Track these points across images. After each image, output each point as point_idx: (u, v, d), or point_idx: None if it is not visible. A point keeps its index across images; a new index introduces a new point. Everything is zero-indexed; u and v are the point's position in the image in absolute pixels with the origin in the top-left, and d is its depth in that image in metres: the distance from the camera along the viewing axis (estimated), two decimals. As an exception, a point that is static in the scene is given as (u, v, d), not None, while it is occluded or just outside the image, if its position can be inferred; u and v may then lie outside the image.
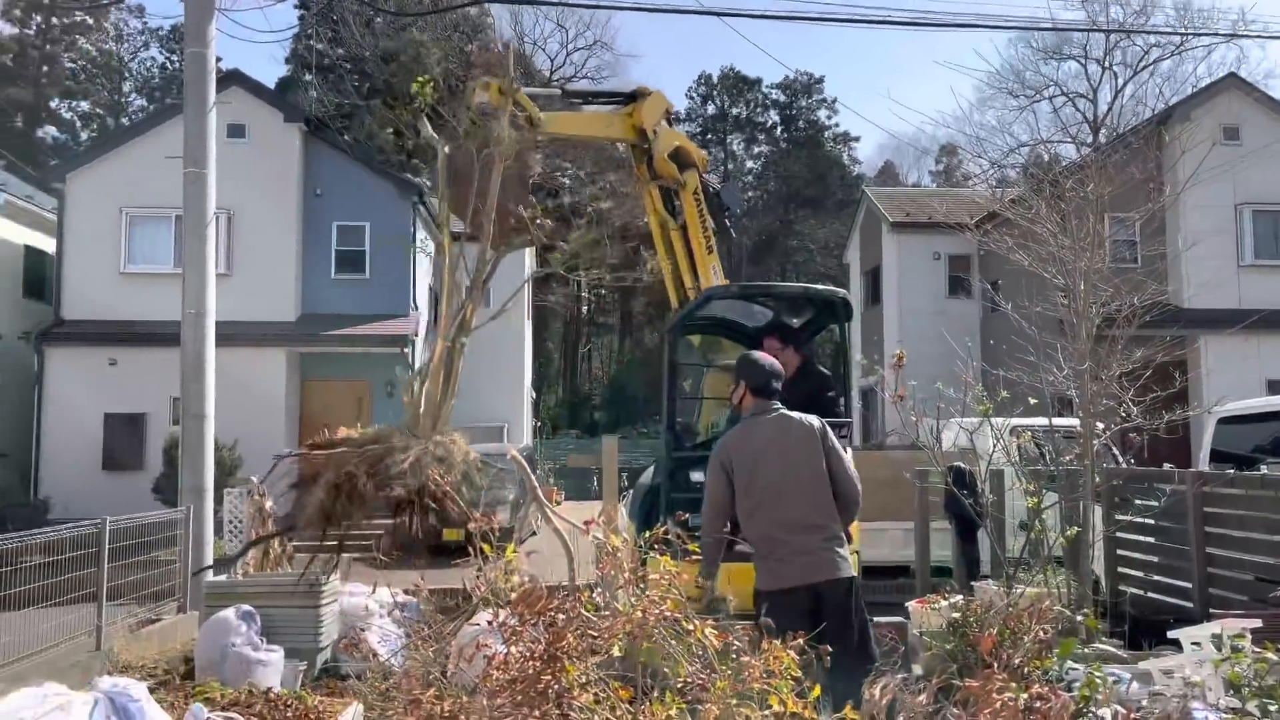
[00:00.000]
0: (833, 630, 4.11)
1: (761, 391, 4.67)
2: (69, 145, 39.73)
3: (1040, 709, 2.04)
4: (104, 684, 3.07)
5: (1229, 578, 7.56)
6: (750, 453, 4.53)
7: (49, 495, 17.61)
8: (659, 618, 2.56)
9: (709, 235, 7.85)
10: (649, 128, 7.86)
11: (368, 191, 19.99)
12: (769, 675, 2.49)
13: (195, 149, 9.57)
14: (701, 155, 8.09)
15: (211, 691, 4.48)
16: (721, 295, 7.31)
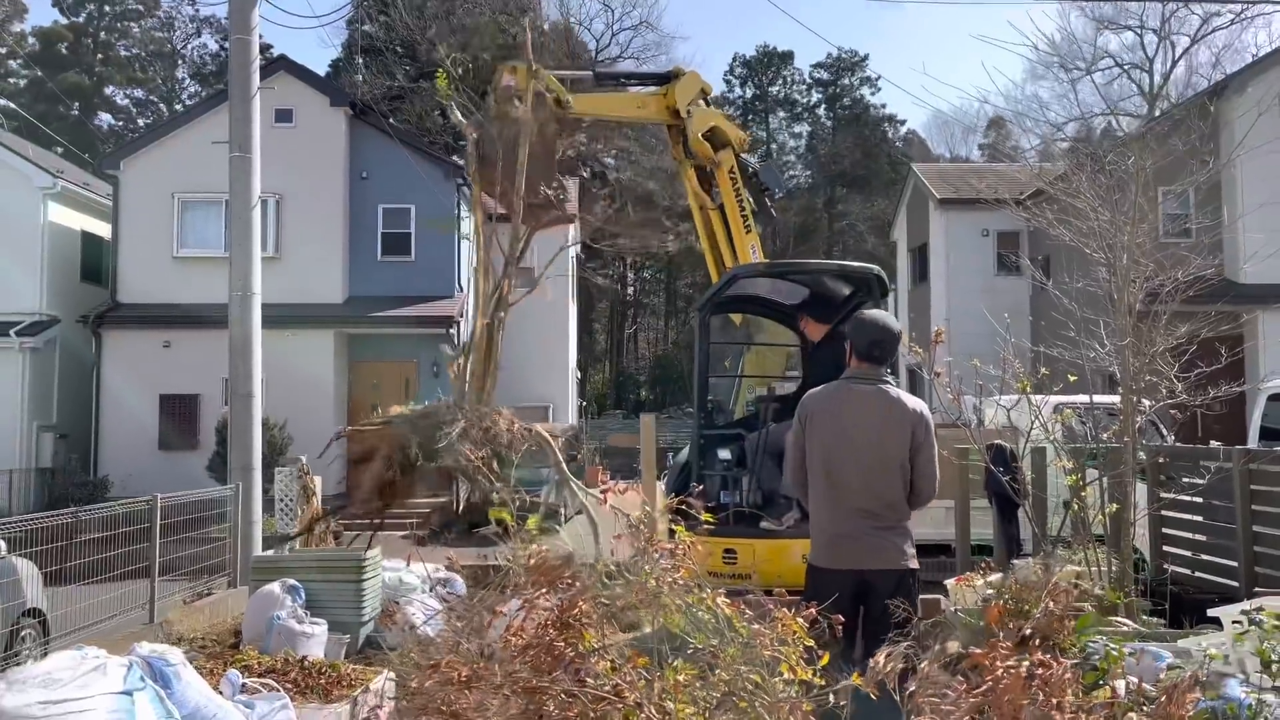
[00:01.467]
0: (875, 619, 4.06)
1: (866, 356, 4.26)
2: (124, 132, 40.56)
3: (1042, 675, 2.06)
4: (142, 649, 3.20)
5: (1276, 556, 7.43)
6: (832, 417, 4.23)
7: (108, 474, 18.13)
8: (671, 585, 2.61)
9: (747, 215, 7.85)
10: (682, 108, 7.89)
11: (413, 174, 20.18)
12: (780, 643, 2.53)
13: (240, 133, 9.76)
14: (739, 135, 8.08)
15: (249, 659, 4.63)
16: (746, 274, 7.31)
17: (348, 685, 4.14)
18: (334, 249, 20.22)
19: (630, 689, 2.45)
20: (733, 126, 8.14)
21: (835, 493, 4.19)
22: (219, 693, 3.48)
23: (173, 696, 3.00)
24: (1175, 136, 9.31)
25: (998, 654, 2.15)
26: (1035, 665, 2.09)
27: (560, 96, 7.52)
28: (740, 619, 2.67)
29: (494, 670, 2.34)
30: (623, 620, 2.70)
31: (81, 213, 21.24)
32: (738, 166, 8.01)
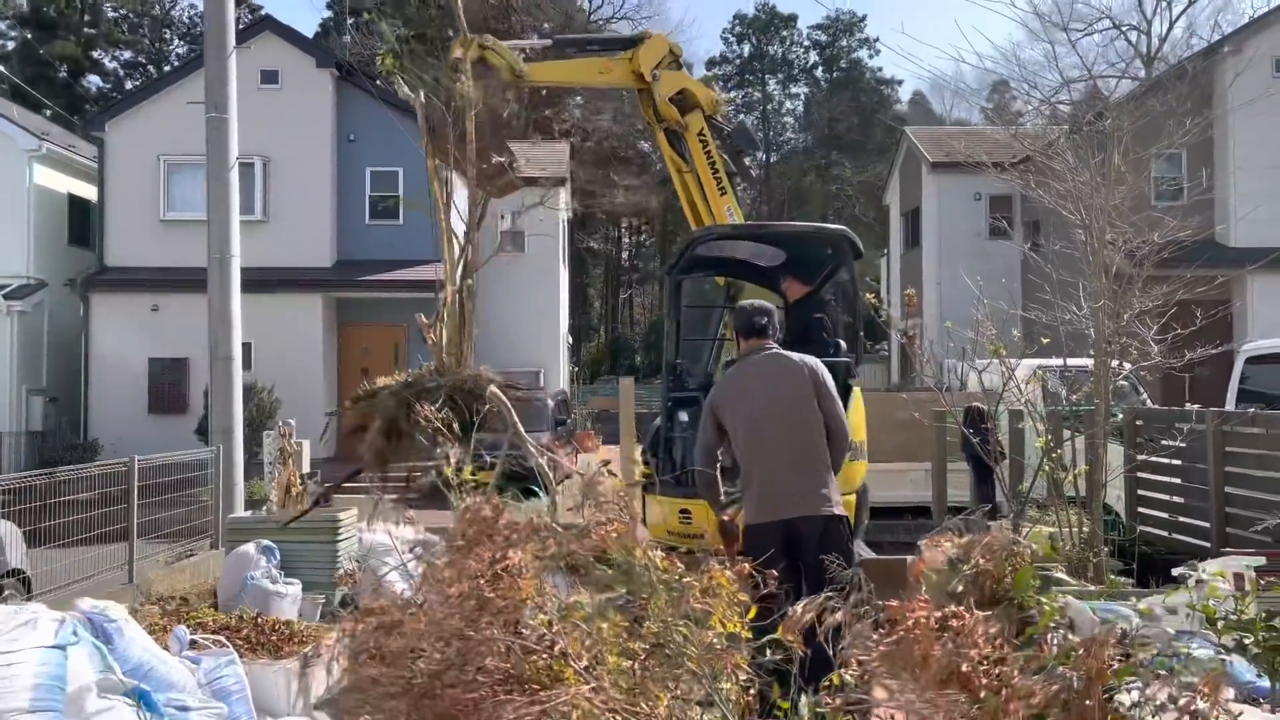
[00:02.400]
0: (808, 566, 4.18)
1: (748, 333, 4.72)
2: (112, 95, 40.17)
3: (954, 626, 2.08)
4: (84, 605, 3.23)
5: (1247, 517, 7.49)
6: (737, 392, 4.62)
7: (98, 437, 18.17)
8: (603, 538, 2.63)
9: (721, 177, 7.82)
10: (647, 72, 7.88)
11: (401, 136, 20.02)
12: (708, 595, 2.55)
13: (217, 93, 9.68)
14: (711, 97, 8.02)
15: (204, 617, 4.67)
16: (706, 238, 7.34)
17: (300, 642, 4.19)
18: (322, 212, 20.12)
19: (560, 638, 2.47)
20: (703, 88, 8.09)
21: (758, 454, 4.49)
22: (166, 648, 3.52)
23: (114, 652, 3.03)
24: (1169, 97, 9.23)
25: (913, 607, 2.18)
26: (948, 616, 2.12)
27: (514, 66, 7.52)
28: (673, 571, 2.69)
29: (420, 617, 2.37)
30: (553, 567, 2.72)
31: (68, 175, 21.10)
32: (712, 128, 7.98)
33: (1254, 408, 8.57)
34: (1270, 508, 7.20)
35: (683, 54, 8.07)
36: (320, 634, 4.19)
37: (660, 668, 2.59)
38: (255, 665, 3.81)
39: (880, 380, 25.72)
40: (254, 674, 3.67)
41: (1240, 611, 3.93)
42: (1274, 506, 7.15)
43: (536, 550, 2.49)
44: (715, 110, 7.88)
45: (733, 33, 53.73)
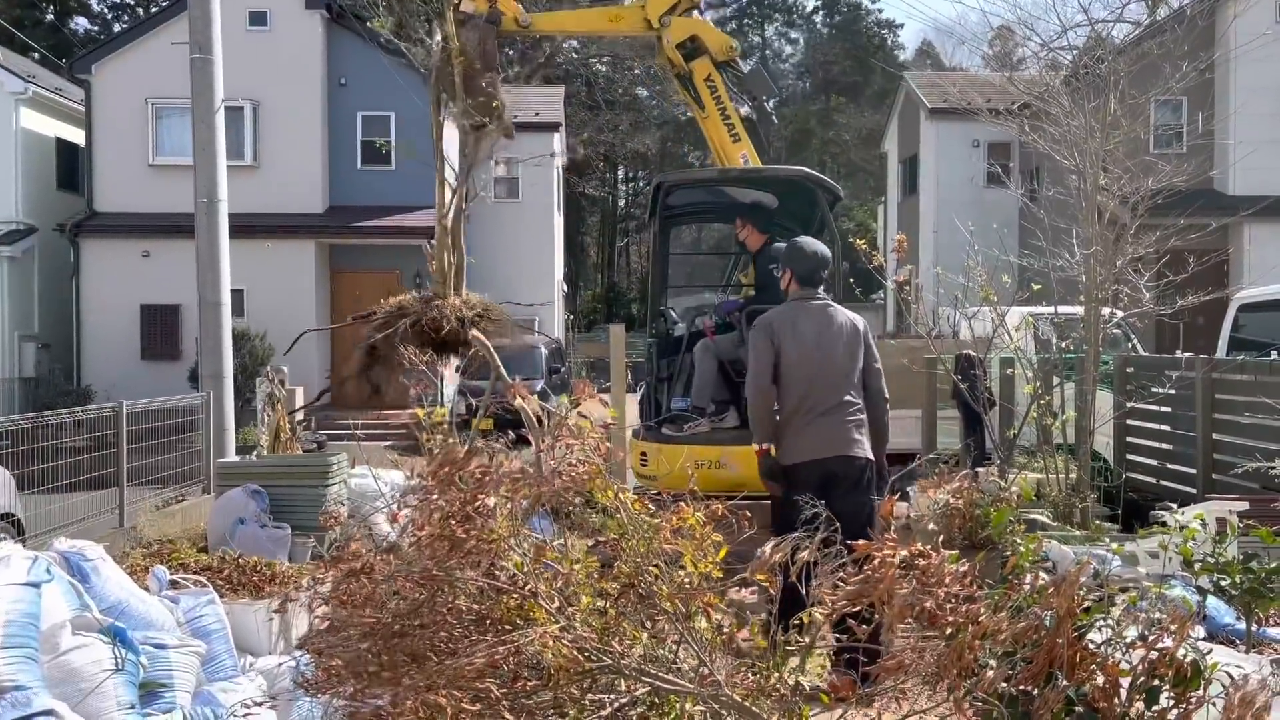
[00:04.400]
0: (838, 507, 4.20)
1: (808, 280, 4.80)
2: (100, 36, 39.52)
3: (920, 565, 2.08)
4: (61, 544, 3.23)
5: (1233, 464, 7.52)
6: (794, 334, 4.67)
7: (90, 384, 18.17)
8: (573, 479, 2.62)
9: (733, 124, 7.75)
10: (654, 19, 7.82)
11: (393, 80, 19.75)
12: (676, 535, 2.55)
13: (200, 33, 9.51)
14: (723, 42, 7.93)
15: (186, 558, 4.69)
16: (672, 184, 7.33)
17: (281, 583, 4.22)
18: (313, 157, 19.91)
19: (530, 578, 2.47)
20: (716, 33, 7.99)
21: (811, 398, 4.61)
22: (146, 588, 3.54)
23: (90, 590, 3.03)
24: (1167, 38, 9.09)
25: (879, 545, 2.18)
26: (913, 555, 2.12)
27: (518, 16, 7.52)
28: (645, 511, 2.68)
29: (389, 560, 2.37)
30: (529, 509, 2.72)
31: (55, 119, 20.83)
32: (725, 74, 7.93)
33: (1242, 355, 8.56)
34: (1257, 455, 7.23)
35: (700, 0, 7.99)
36: (302, 575, 4.22)
37: (633, 607, 2.60)
38: (236, 605, 3.83)
39: (877, 326, 25.72)
40: (234, 614, 3.70)
41: (1218, 555, 3.96)
42: (1260, 454, 7.18)
43: (507, 490, 2.48)
44: (728, 56, 7.80)
45: (731, -26, 52.79)
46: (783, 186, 7.30)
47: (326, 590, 2.49)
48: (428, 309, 6.39)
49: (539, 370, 19.52)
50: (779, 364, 4.62)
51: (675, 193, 7.37)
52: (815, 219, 7.12)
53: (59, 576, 2.89)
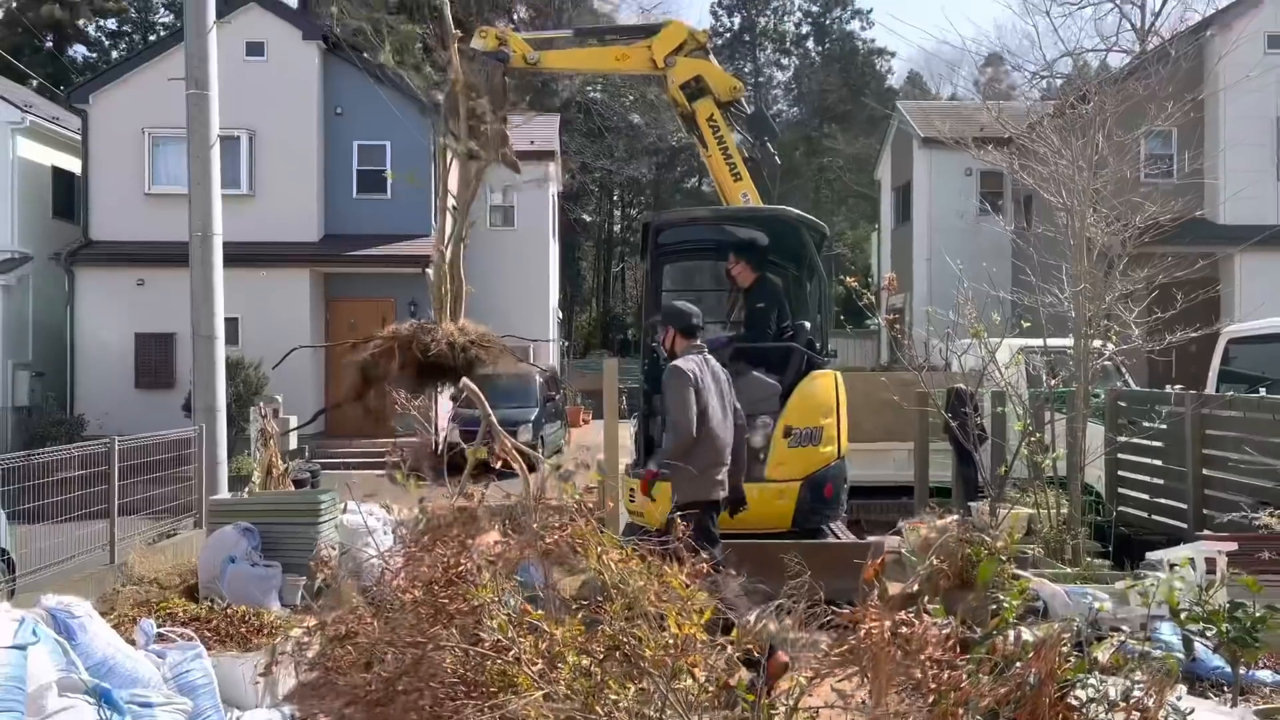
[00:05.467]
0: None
1: (689, 333, 5.51)
2: (99, 64, 39.71)
3: (904, 634, 2.10)
4: (49, 601, 3.23)
5: (1224, 500, 7.53)
6: (704, 380, 5.30)
7: (84, 412, 18.11)
8: (562, 540, 2.63)
9: (734, 162, 7.85)
10: (660, 60, 7.96)
11: (389, 110, 19.86)
12: (661, 599, 2.56)
13: (197, 69, 9.58)
14: (727, 83, 8.05)
15: (174, 607, 4.68)
16: (660, 223, 7.45)
17: (269, 634, 4.20)
18: (309, 186, 19.98)
19: (514, 643, 2.48)
20: (720, 74, 8.10)
21: (720, 436, 5.32)
22: (132, 642, 3.53)
23: (78, 648, 3.03)
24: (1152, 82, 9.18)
25: (868, 612, 2.19)
26: (898, 625, 2.13)
27: (526, 54, 7.70)
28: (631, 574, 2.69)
29: (374, 626, 2.37)
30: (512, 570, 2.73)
31: (52, 148, 20.88)
32: (730, 113, 8.05)
33: (1231, 390, 8.60)
34: (1247, 491, 7.25)
35: (707, 40, 8.11)
36: (291, 624, 4.21)
37: (618, 668, 2.60)
38: (224, 658, 3.81)
39: (870, 357, 25.77)
40: (222, 666, 3.67)
41: (1205, 602, 3.97)
42: (1251, 490, 7.20)
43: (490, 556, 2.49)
44: (732, 96, 7.92)
45: (722, 5, 53.22)
46: (769, 225, 7.38)
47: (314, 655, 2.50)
48: (422, 333, 6.52)
49: (533, 399, 19.51)
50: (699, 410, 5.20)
51: (667, 231, 7.46)
52: (802, 256, 7.19)
53: (45, 636, 2.89)
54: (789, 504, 6.81)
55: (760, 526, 6.59)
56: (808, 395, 6.85)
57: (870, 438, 10.42)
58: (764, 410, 6.88)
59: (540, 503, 2.68)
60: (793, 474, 6.81)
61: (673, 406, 5.17)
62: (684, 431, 5.11)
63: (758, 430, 6.84)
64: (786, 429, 6.85)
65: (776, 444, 6.85)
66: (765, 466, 6.84)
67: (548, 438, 19.65)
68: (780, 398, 6.90)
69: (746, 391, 6.89)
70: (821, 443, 6.86)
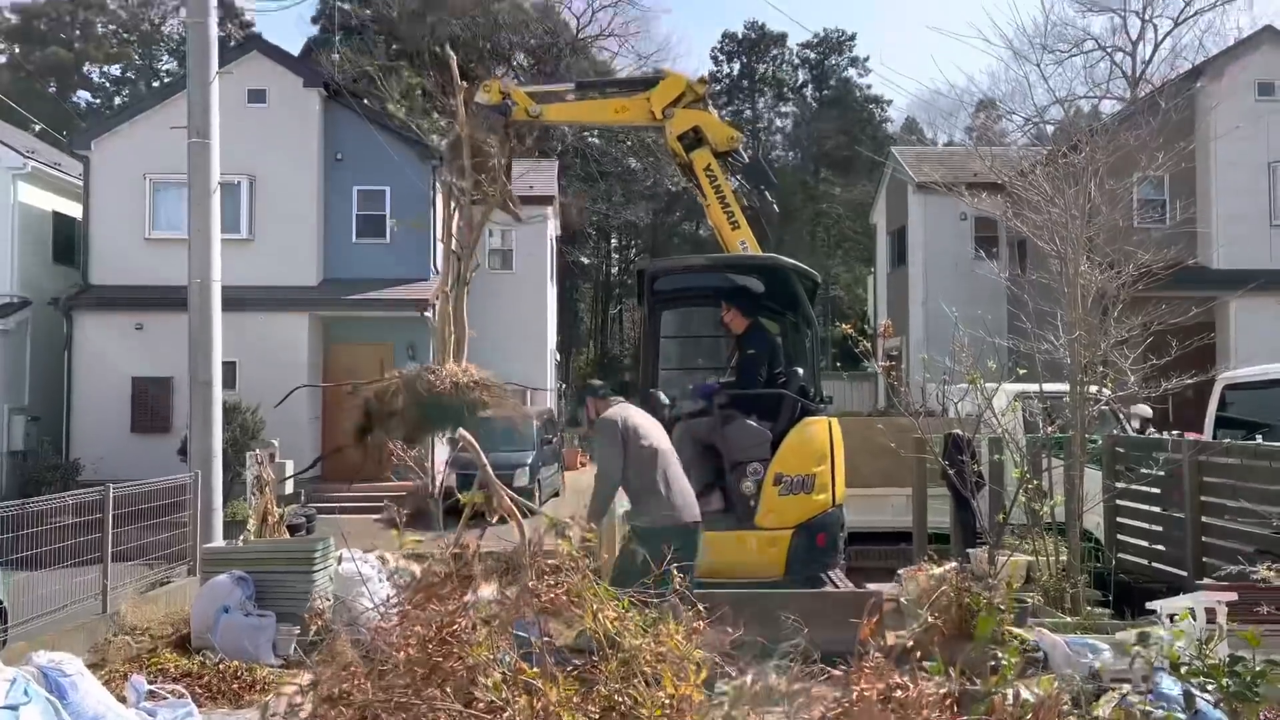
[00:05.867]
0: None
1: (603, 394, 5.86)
2: (102, 110, 40.12)
3: (898, 698, 2.08)
4: (40, 659, 3.20)
5: (1224, 547, 7.50)
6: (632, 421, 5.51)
7: (79, 457, 18.04)
8: (555, 600, 2.62)
9: (732, 211, 7.92)
10: (658, 112, 8.06)
11: (388, 156, 20.05)
12: (659, 660, 2.55)
13: (199, 119, 9.68)
14: (726, 134, 8.14)
15: (166, 662, 4.64)
16: (652, 271, 7.52)
17: (261, 690, 4.16)
18: (308, 231, 20.09)
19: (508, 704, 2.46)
20: (718, 125, 8.18)
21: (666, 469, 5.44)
22: (123, 699, 3.50)
23: (69, 707, 3.00)
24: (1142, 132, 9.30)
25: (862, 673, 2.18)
26: (891, 688, 2.12)
27: (528, 107, 7.84)
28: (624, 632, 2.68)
29: (368, 686, 2.35)
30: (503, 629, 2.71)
31: (53, 193, 21.02)
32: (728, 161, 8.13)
33: (1228, 437, 8.60)
34: (1246, 539, 7.22)
35: (705, 90, 8.21)
36: (283, 681, 4.17)
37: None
38: (215, 715, 3.78)
39: (868, 402, 25.75)
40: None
41: (1205, 656, 3.94)
42: (1250, 538, 7.17)
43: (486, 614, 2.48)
44: (730, 146, 8.00)
45: (722, 51, 53.94)
46: (761, 273, 7.43)
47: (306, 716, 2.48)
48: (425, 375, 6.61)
49: (530, 442, 19.47)
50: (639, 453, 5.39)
51: (663, 278, 7.51)
52: (795, 304, 7.21)
53: (36, 696, 2.87)
54: (780, 552, 6.74)
55: (752, 575, 6.55)
56: (800, 442, 6.84)
57: (868, 483, 10.41)
58: (754, 457, 6.85)
59: (536, 556, 2.67)
60: (784, 522, 6.76)
61: (600, 457, 5.42)
62: (609, 484, 5.34)
63: (747, 477, 6.81)
64: (777, 476, 6.81)
65: (767, 491, 6.80)
66: (756, 514, 6.79)
67: (544, 481, 19.59)
68: (771, 445, 6.87)
69: (735, 438, 6.88)
70: (814, 490, 6.81)
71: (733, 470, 6.87)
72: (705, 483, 7.05)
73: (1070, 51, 34.34)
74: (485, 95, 7.95)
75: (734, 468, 6.86)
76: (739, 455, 6.87)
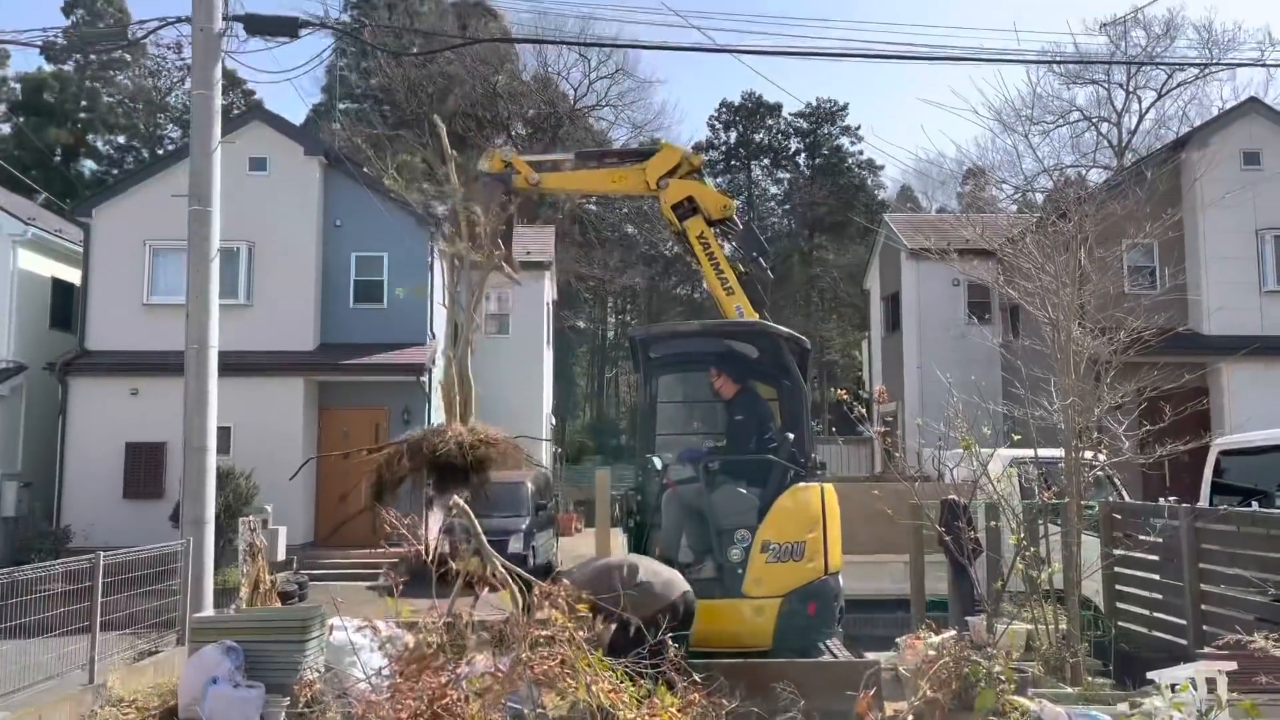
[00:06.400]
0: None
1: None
2: (106, 178, 40.58)
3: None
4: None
5: (1224, 615, 7.43)
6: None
7: (69, 524, 17.90)
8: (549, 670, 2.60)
9: (725, 277, 8.02)
10: (652, 182, 8.23)
11: (386, 222, 20.26)
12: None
13: (200, 186, 9.79)
14: (719, 202, 8.29)
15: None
16: (642, 337, 7.58)
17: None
18: (306, 296, 20.20)
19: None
20: (712, 194, 8.33)
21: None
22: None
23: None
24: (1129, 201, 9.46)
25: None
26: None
27: (528, 176, 8.11)
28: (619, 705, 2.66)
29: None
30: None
31: (53, 259, 21.19)
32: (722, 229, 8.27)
33: (1224, 503, 8.58)
34: (1246, 607, 7.16)
35: (700, 162, 8.40)
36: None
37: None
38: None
39: (864, 466, 25.69)
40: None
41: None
42: (1249, 606, 7.12)
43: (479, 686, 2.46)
44: (723, 214, 8.14)
45: (719, 120, 54.91)
46: (750, 338, 7.46)
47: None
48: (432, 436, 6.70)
49: (525, 508, 19.35)
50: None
51: (656, 344, 7.55)
52: (784, 369, 7.22)
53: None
54: (769, 621, 6.56)
55: (740, 644, 6.39)
56: (789, 509, 6.72)
57: (866, 550, 10.34)
58: (741, 524, 6.76)
59: (529, 625, 2.65)
60: (772, 590, 6.60)
61: None
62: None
63: (735, 545, 6.72)
64: (764, 544, 6.66)
65: (754, 559, 6.65)
66: (743, 582, 6.65)
67: (539, 547, 19.41)
68: (759, 511, 6.78)
69: (722, 504, 6.80)
70: (804, 558, 6.65)
71: (720, 537, 6.77)
72: (693, 549, 7.00)
73: (1056, 123, 35.05)
74: (488, 163, 8.16)
75: (721, 534, 6.77)
76: (726, 522, 6.79)
